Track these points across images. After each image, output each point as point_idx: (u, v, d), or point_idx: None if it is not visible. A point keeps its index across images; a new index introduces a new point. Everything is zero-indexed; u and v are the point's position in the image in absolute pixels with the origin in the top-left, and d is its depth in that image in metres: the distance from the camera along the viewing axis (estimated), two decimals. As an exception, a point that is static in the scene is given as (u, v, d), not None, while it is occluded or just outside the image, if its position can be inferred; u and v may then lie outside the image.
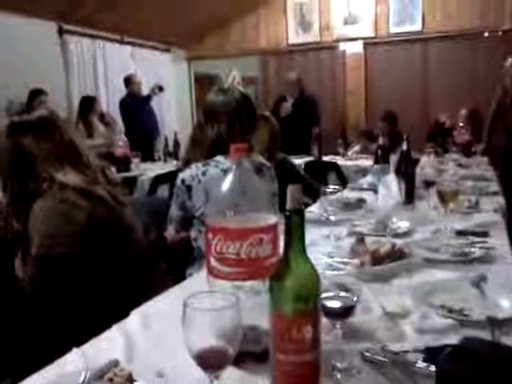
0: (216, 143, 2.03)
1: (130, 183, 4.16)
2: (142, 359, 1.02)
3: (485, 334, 0.97)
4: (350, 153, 5.54)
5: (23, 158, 1.61)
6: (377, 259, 1.48)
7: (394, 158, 2.88)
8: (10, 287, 1.62)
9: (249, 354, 0.94)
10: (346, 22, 7.24)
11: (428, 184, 2.42)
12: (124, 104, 6.30)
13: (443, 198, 1.94)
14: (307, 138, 5.38)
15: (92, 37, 6.59)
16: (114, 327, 1.17)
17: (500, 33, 6.41)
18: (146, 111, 6.38)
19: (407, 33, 6.94)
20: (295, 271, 0.78)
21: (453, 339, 0.99)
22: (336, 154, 5.45)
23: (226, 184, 0.96)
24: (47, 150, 1.62)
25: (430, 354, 0.93)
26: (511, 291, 1.24)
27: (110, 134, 5.59)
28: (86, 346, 1.07)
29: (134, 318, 1.23)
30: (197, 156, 2.10)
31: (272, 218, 0.96)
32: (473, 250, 1.63)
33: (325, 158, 5.17)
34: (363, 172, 4.32)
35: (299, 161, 4.64)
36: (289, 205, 0.77)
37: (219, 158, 2.02)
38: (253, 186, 0.99)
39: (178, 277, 1.84)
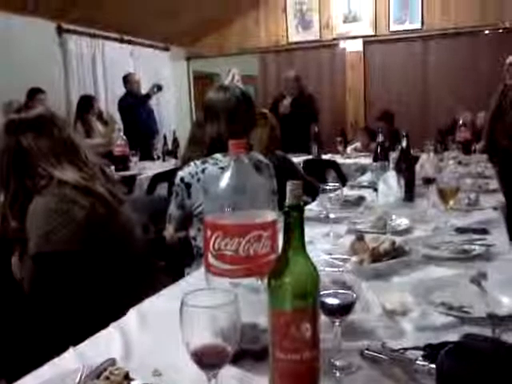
0: (215, 141, 2.02)
1: (129, 182, 4.15)
2: (139, 357, 1.01)
3: (485, 331, 0.96)
4: (349, 150, 5.51)
5: (21, 155, 1.61)
6: (376, 256, 1.48)
7: (393, 156, 2.88)
8: (7, 286, 1.61)
9: (247, 352, 0.93)
10: (345, 20, 7.22)
11: (428, 181, 2.40)
12: (123, 103, 6.28)
13: (443, 195, 1.93)
14: (306, 137, 5.37)
15: (91, 36, 6.57)
16: (111, 326, 1.17)
17: (500, 30, 6.39)
18: (145, 110, 6.36)
19: (407, 31, 6.92)
20: (294, 268, 0.77)
21: (453, 336, 0.98)
22: (335, 152, 5.43)
23: (225, 180, 0.95)
24: (45, 147, 1.61)
25: (430, 351, 0.92)
26: (511, 288, 1.23)
27: (109, 133, 5.57)
28: (83, 345, 1.07)
29: (132, 316, 1.22)
30: (196, 154, 2.09)
31: (271, 215, 0.95)
32: (473, 247, 1.62)
33: (324, 157, 5.16)
34: (362, 170, 4.31)
35: (298, 159, 4.62)
36: (288, 201, 0.76)
37: (218, 155, 2.01)
38: (251, 182, 0.98)
39: (177, 275, 1.83)
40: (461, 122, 4.68)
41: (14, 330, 1.54)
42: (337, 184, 2.14)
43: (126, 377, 0.86)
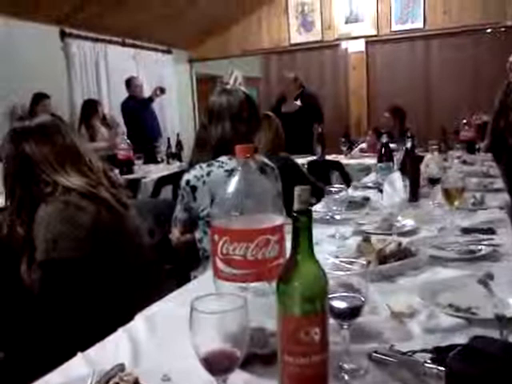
0: (220, 144, 2.02)
1: (134, 185, 4.15)
2: (148, 363, 1.01)
3: (493, 333, 0.96)
4: (354, 151, 5.50)
5: (26, 163, 1.61)
6: (383, 258, 1.47)
7: (397, 156, 2.87)
8: (16, 293, 1.62)
9: (256, 356, 0.94)
10: (347, 21, 7.22)
11: (433, 181, 2.40)
12: (126, 106, 6.29)
13: (448, 195, 1.93)
14: (310, 138, 5.35)
15: (94, 40, 6.59)
16: (120, 331, 1.17)
17: (503, 29, 6.38)
18: (148, 113, 6.37)
19: (409, 30, 6.91)
20: (303, 273, 0.77)
21: (461, 338, 0.98)
22: (339, 152, 5.42)
23: (232, 185, 0.96)
24: (49, 154, 1.62)
25: (439, 353, 0.92)
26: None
27: (113, 136, 5.59)
28: (92, 351, 1.07)
29: (140, 321, 1.22)
30: (202, 157, 2.09)
31: (278, 219, 0.95)
32: (479, 247, 1.61)
33: (328, 157, 5.15)
34: (367, 170, 4.31)
35: (302, 160, 4.62)
36: (296, 206, 0.76)
37: (223, 158, 2.01)
38: (259, 187, 0.98)
39: (183, 279, 1.84)
40: (464, 121, 4.67)
41: (23, 336, 1.55)
42: (342, 185, 2.14)
43: (136, 382, 0.87)
